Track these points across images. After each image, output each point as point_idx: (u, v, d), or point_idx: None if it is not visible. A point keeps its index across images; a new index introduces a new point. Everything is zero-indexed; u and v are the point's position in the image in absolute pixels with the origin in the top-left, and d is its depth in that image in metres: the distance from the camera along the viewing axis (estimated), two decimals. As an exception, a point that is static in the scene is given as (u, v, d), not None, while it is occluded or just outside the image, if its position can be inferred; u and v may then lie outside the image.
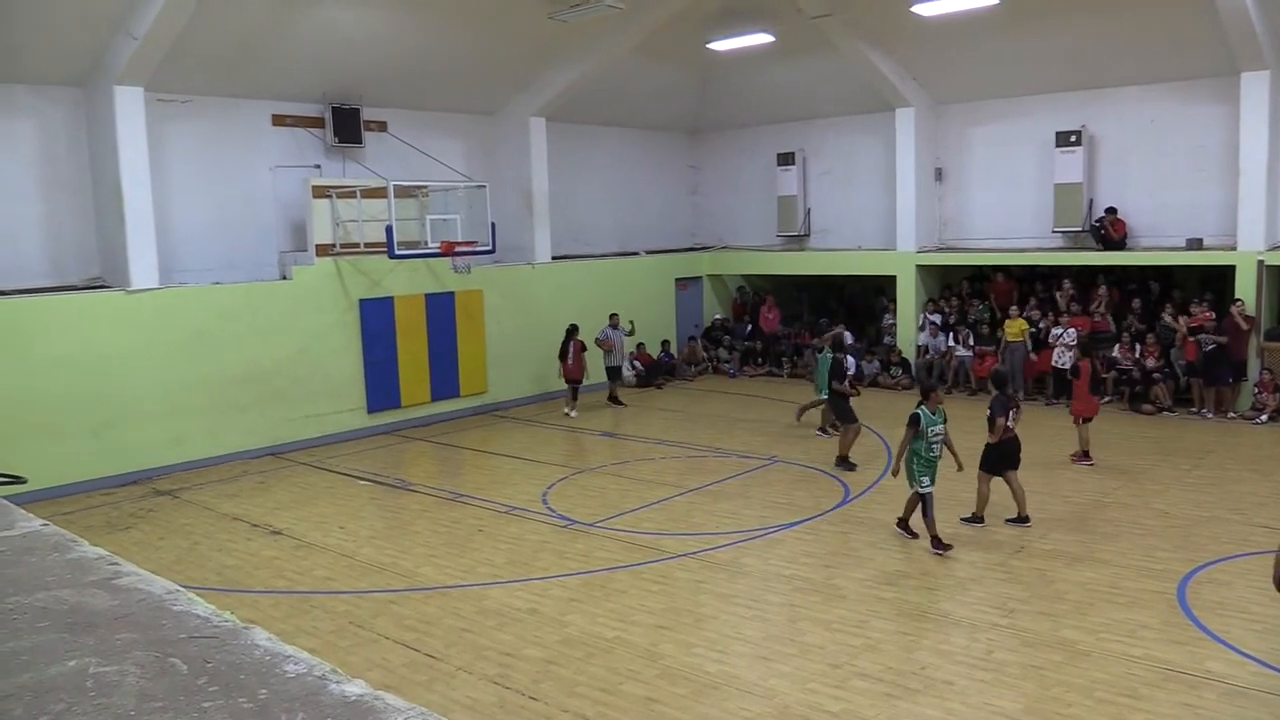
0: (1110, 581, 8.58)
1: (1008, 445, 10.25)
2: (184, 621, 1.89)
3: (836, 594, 8.57)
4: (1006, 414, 10.20)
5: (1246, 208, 15.31)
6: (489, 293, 17.69)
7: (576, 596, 8.73)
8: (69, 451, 12.69)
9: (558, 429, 16.34)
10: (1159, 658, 7.07)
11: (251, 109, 15.39)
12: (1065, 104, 17.44)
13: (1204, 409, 15.35)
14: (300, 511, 11.82)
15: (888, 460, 13.07)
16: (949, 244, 19.49)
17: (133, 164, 13.30)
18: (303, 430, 15.20)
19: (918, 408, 9.69)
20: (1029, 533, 10.01)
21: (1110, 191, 17.20)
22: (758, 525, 10.64)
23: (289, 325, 15.01)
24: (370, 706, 1.54)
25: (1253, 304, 15.25)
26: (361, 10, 14.48)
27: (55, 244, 13.70)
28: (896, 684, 6.81)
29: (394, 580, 9.35)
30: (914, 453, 9.59)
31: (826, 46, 17.90)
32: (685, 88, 20.91)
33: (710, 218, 23.07)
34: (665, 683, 6.96)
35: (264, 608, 8.73)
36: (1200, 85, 16.13)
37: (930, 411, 9.61)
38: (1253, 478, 11.91)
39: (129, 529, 11.30)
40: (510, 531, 10.75)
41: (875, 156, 19.84)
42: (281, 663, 1.70)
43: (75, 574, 2.18)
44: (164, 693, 1.62)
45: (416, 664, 7.42)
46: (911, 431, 9.55)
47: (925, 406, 9.64)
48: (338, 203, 15.43)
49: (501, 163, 18.59)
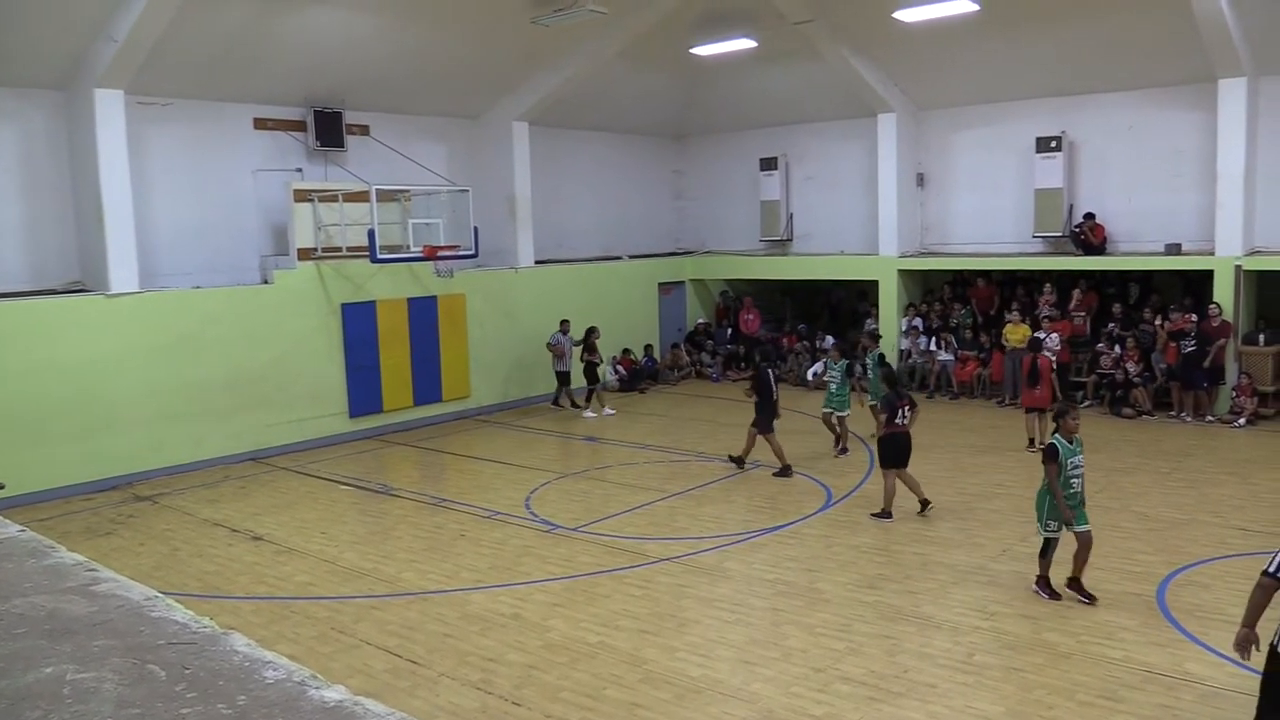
0: (1090, 584, 8.62)
1: (901, 440, 10.76)
2: (162, 627, 1.88)
3: (819, 598, 8.59)
4: (895, 412, 10.71)
5: (1224, 213, 15.45)
6: (472, 297, 17.66)
7: (559, 601, 8.72)
8: (47, 456, 12.58)
9: (541, 434, 16.32)
10: (1139, 660, 7.12)
11: (233, 112, 15.31)
12: (1045, 110, 17.57)
13: (1183, 413, 15.47)
14: (281, 517, 11.76)
15: (869, 467, 13.12)
16: (931, 249, 19.59)
17: (113, 167, 13.21)
18: (284, 435, 15.12)
19: (1053, 436, 8.36)
20: (1009, 536, 10.05)
21: (1090, 197, 17.34)
22: (741, 529, 10.66)
23: (270, 330, 14.93)
24: (350, 712, 1.54)
25: (1230, 309, 15.39)
26: (344, 14, 14.42)
27: (35, 248, 13.59)
28: (879, 687, 6.83)
29: (376, 585, 9.31)
30: (1045, 490, 8.25)
31: (809, 52, 17.97)
32: (669, 93, 20.94)
33: (694, 222, 23.11)
34: (648, 687, 6.96)
35: (244, 614, 8.67)
36: (1178, 92, 16.29)
37: (1066, 440, 8.19)
38: (1231, 481, 12.02)
39: (108, 535, 11.21)
40: (493, 536, 10.72)
41: (858, 161, 19.93)
42: (261, 668, 1.70)
43: (53, 580, 2.17)
44: (142, 699, 1.61)
45: (399, 670, 7.39)
46: (1053, 468, 8.10)
47: (1060, 434, 8.24)
48: (320, 206, 15.37)
49: (484, 167, 18.57)
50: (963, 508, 11.16)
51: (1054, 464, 8.08)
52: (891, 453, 10.78)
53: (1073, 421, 8.26)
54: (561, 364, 17.83)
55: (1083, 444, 8.36)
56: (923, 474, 12.72)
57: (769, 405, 12.90)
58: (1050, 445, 8.23)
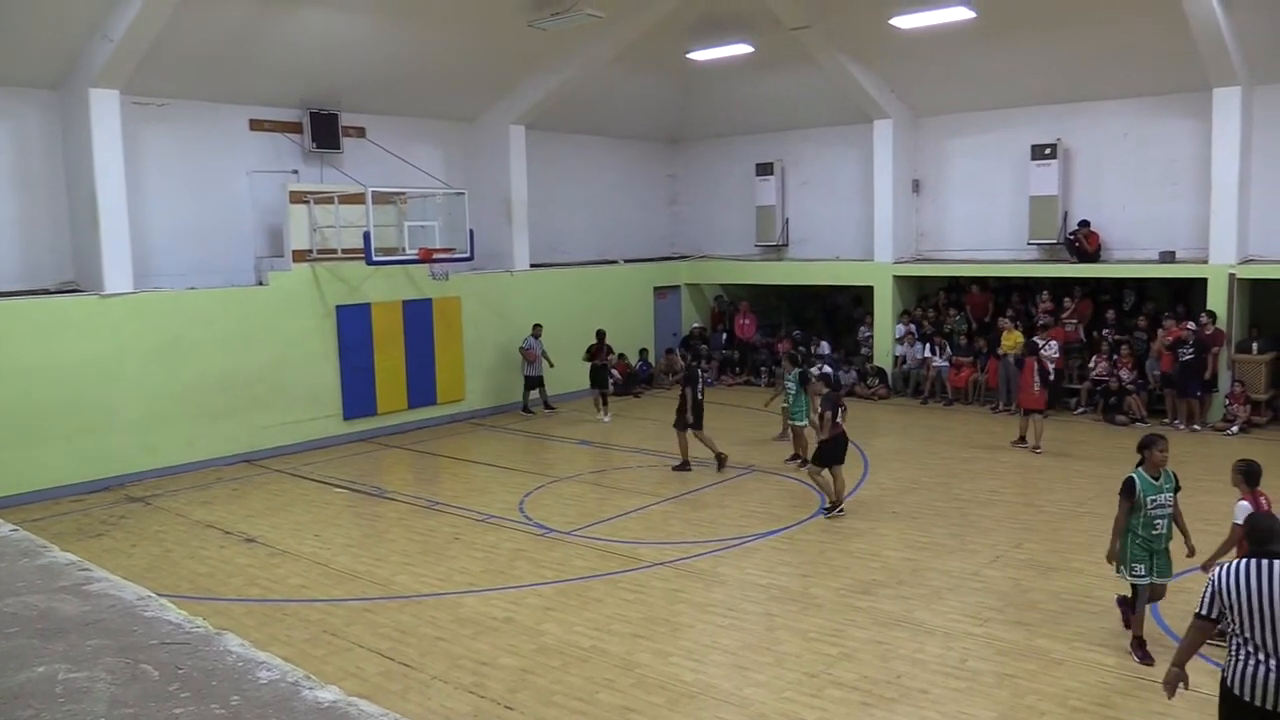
0: (1083, 591, 8.65)
1: (838, 441, 11.17)
2: (155, 628, 1.87)
3: (813, 603, 8.59)
4: (836, 412, 11.13)
5: (1218, 221, 15.50)
6: (467, 300, 17.65)
7: (553, 605, 8.70)
8: (39, 457, 12.54)
9: (535, 437, 16.31)
10: (1132, 667, 7.13)
11: (229, 113, 15.29)
12: (1041, 117, 17.63)
13: (1176, 420, 15.50)
14: (275, 519, 11.73)
15: (862, 474, 13.14)
16: (926, 255, 19.62)
17: (108, 167, 13.18)
18: (278, 437, 15.09)
19: (1135, 470, 7.37)
20: (1002, 542, 10.06)
21: (1084, 204, 17.38)
22: (734, 534, 10.65)
23: (265, 331, 14.90)
24: (344, 713, 1.54)
25: (1224, 317, 15.44)
26: (341, 16, 14.42)
27: (28, 247, 13.55)
28: (872, 693, 6.83)
29: (369, 588, 9.29)
30: (1129, 529, 7.31)
31: (806, 58, 18.01)
32: (665, 97, 20.96)
33: (689, 227, 23.13)
34: (641, 692, 6.95)
35: (237, 616, 8.64)
36: (1173, 100, 16.35)
37: (1151, 475, 7.27)
38: (1223, 488, 11.98)
39: (100, 536, 11.17)
40: (487, 540, 10.71)
41: (853, 168, 19.97)
42: (254, 669, 1.69)
43: (45, 579, 2.16)
44: (135, 699, 1.60)
45: (391, 673, 7.37)
46: (1125, 505, 7.26)
47: (1144, 468, 7.32)
48: (315, 208, 15.35)
49: (480, 170, 18.56)
50: (956, 513, 11.17)
51: (1127, 500, 7.22)
52: (828, 452, 11.13)
53: (1160, 454, 7.27)
54: (532, 369, 17.80)
55: (1175, 480, 7.40)
56: (916, 479, 12.79)
57: (690, 405, 13.24)
58: (1128, 479, 7.28)
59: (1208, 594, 4.79)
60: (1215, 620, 4.81)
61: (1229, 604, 4.70)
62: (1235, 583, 4.68)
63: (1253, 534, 5.03)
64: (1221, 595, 4.73)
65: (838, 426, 11.08)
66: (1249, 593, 4.64)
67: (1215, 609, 4.77)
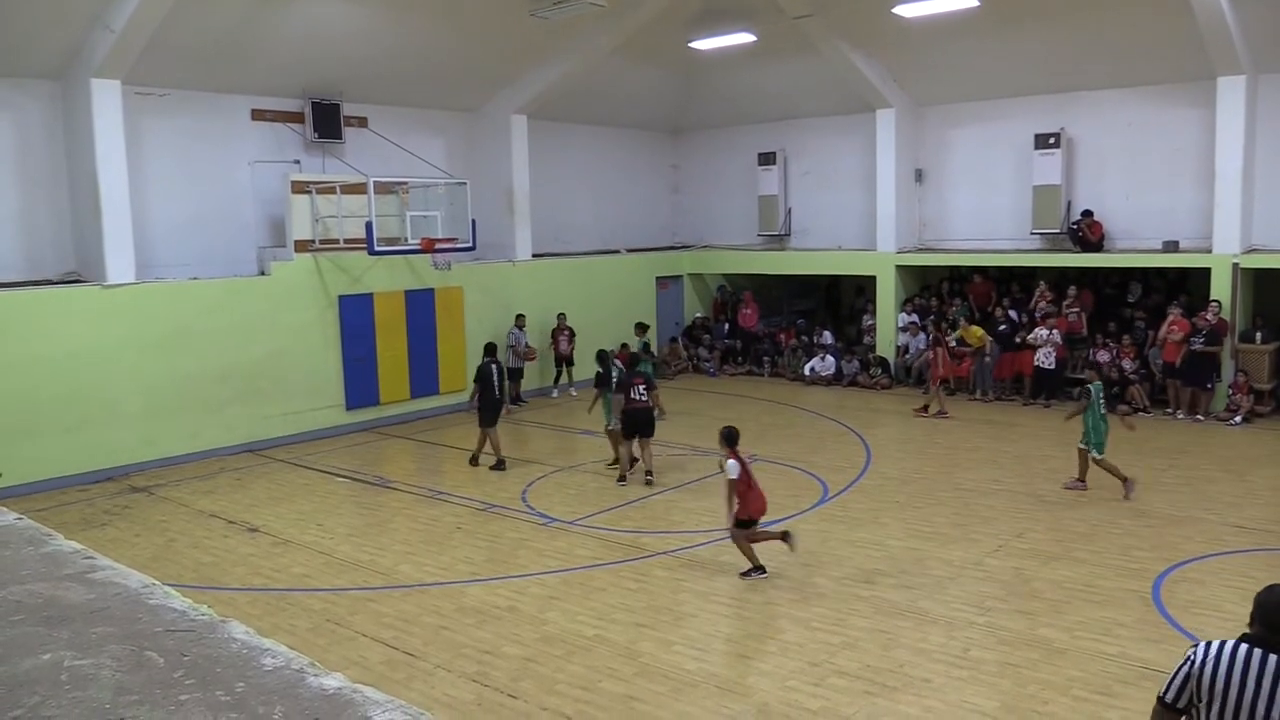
0: (1086, 580, 8.65)
1: (639, 415, 12.24)
2: (160, 615, 1.87)
3: (815, 592, 8.60)
4: (626, 390, 12.27)
5: (1222, 211, 15.46)
6: (469, 290, 17.64)
7: (555, 594, 8.72)
8: (43, 447, 12.56)
9: (537, 427, 16.31)
10: (1134, 655, 7.13)
11: (230, 103, 15.27)
12: (1044, 107, 17.56)
13: (1178, 410, 15.48)
14: (278, 509, 11.75)
15: (865, 463, 13.15)
16: (928, 245, 19.59)
17: (109, 158, 13.17)
18: (281, 427, 15.10)
19: None
20: (1005, 532, 10.07)
21: (1087, 194, 17.34)
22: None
23: (267, 321, 14.90)
24: (349, 700, 1.54)
25: (1228, 306, 15.41)
26: (343, 5, 14.39)
27: (30, 238, 13.55)
28: (874, 681, 6.84)
29: (372, 578, 9.31)
30: None
31: (808, 47, 17.95)
32: (667, 87, 20.91)
33: (691, 216, 23.09)
34: (644, 681, 6.96)
35: (240, 605, 8.66)
36: (1177, 89, 16.29)
37: None
38: (1226, 478, 12.04)
39: (104, 526, 11.20)
40: (489, 529, 10.72)
41: (856, 157, 19.92)
42: (259, 656, 1.70)
43: (50, 568, 2.16)
44: (140, 686, 1.60)
45: (395, 662, 7.39)
46: None
47: None
48: (317, 198, 15.34)
49: (482, 160, 18.53)
50: (958, 503, 11.18)
51: None
52: (629, 424, 12.32)
53: None
54: (516, 360, 17.79)
55: None
56: (918, 469, 12.80)
57: (490, 400, 13.31)
58: None
59: (1179, 677, 3.66)
60: (1181, 711, 3.69)
61: (1211, 695, 3.58)
62: (1226, 670, 3.55)
63: (1265, 614, 3.62)
64: (1200, 683, 3.60)
65: (636, 402, 12.17)
66: (1240, 687, 3.53)
67: (1185, 698, 3.65)
